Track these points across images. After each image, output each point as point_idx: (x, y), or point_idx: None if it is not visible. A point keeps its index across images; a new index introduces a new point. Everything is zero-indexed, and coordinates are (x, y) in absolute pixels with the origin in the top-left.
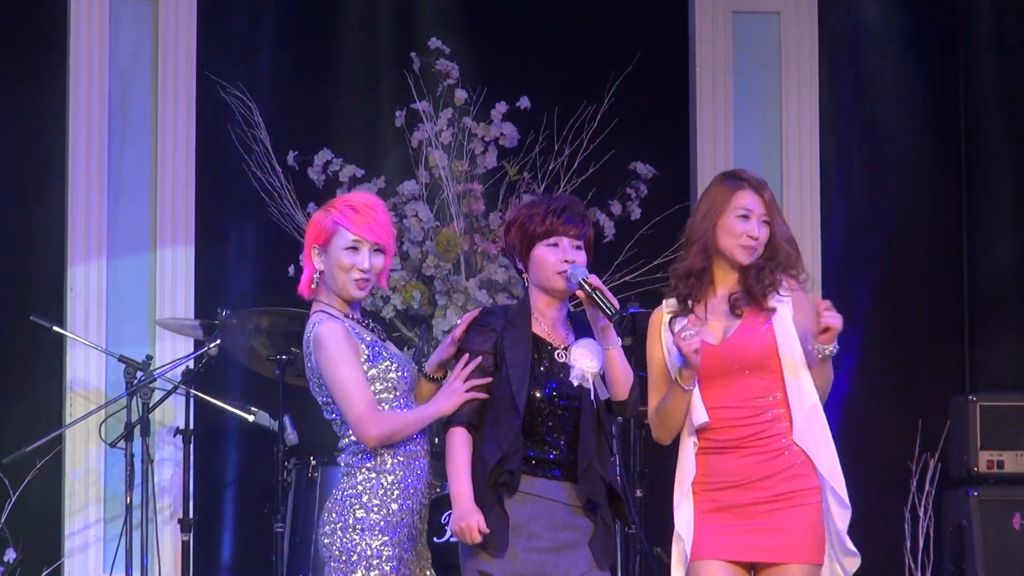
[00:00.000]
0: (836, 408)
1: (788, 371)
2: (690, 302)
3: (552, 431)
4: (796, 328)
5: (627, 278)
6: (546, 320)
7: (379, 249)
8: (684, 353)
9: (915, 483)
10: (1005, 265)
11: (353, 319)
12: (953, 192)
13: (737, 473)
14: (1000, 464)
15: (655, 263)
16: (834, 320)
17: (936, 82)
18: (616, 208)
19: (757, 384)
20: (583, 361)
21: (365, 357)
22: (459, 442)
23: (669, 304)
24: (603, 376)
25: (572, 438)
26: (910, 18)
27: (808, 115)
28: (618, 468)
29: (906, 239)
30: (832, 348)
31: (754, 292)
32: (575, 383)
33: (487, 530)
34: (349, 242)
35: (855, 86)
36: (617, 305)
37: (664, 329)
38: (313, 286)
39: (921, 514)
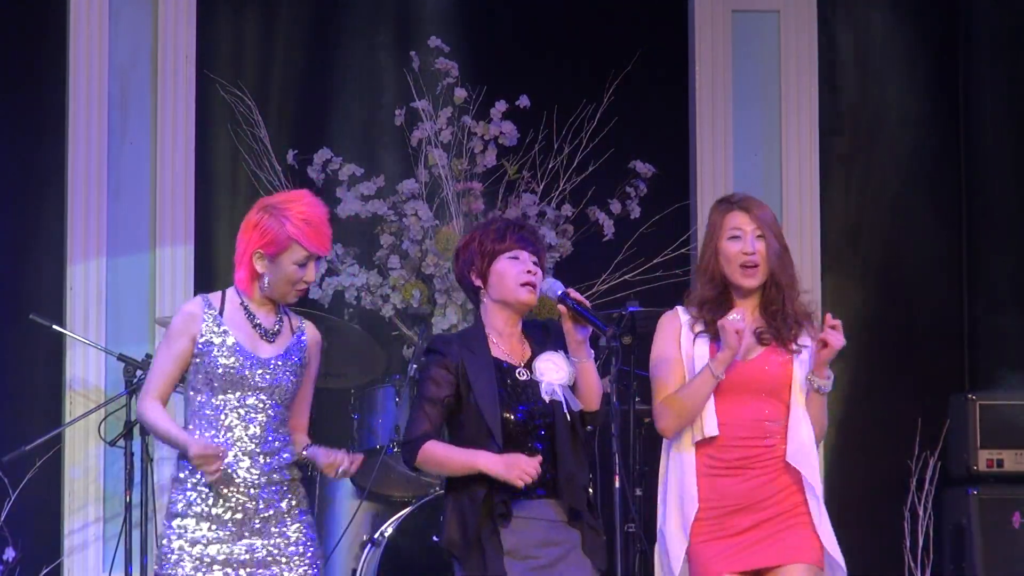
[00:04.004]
0: (836, 407)
1: (795, 402)
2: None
3: (530, 452)
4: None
5: (627, 277)
6: (503, 340)
7: (321, 258)
8: (727, 333)
9: (915, 482)
10: (1005, 264)
11: (250, 308)
12: (954, 189)
13: (744, 496)
14: (1000, 463)
15: (655, 262)
16: (834, 338)
17: (936, 81)
18: (615, 207)
19: (765, 408)
20: (551, 374)
21: (200, 344)
22: (438, 446)
23: (691, 313)
24: (572, 386)
25: (549, 454)
26: (909, 17)
27: (807, 114)
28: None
29: (906, 238)
30: (826, 383)
31: (782, 335)
32: (547, 399)
33: (537, 459)
34: (302, 258)
35: (854, 85)
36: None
37: (684, 336)
38: (260, 287)
39: (921, 513)
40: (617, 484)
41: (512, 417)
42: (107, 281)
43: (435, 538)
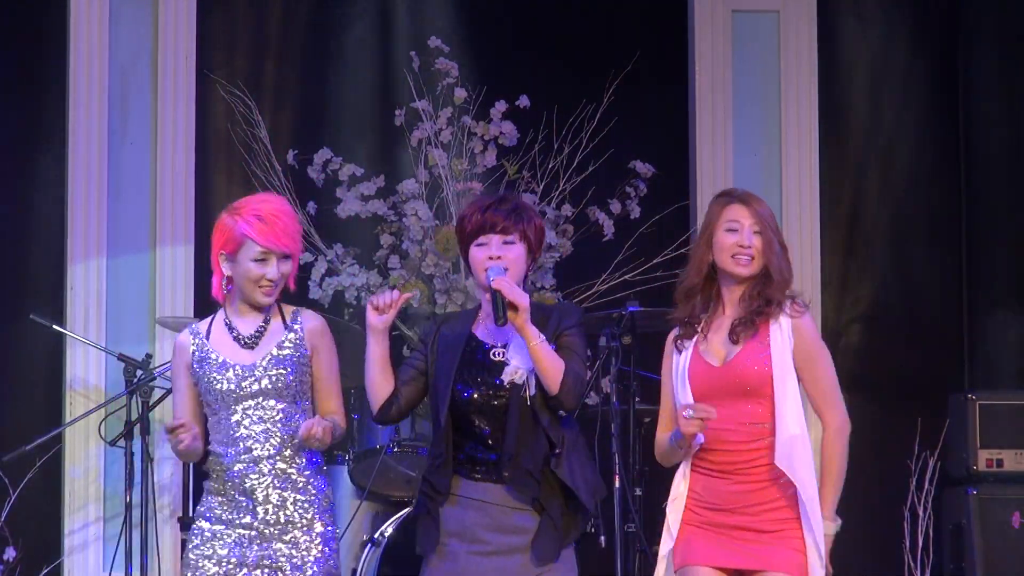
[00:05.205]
0: None
1: (779, 398)
2: (696, 323)
3: (491, 430)
4: (794, 357)
5: (626, 277)
6: (490, 320)
7: (286, 256)
8: (683, 432)
9: (914, 482)
10: (1004, 263)
11: (232, 321)
12: (953, 190)
13: (729, 500)
14: (999, 463)
15: (654, 262)
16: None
17: (936, 80)
18: (615, 207)
19: (754, 409)
20: (517, 359)
21: (194, 370)
22: None
23: (675, 317)
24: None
25: (500, 435)
26: (910, 16)
27: (807, 114)
28: (575, 463)
29: (905, 237)
30: (833, 527)
31: (752, 318)
32: (506, 380)
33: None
34: (257, 254)
35: (854, 85)
36: (520, 303)
37: (668, 354)
38: (225, 292)
39: (920, 513)
40: (617, 484)
41: (472, 394)
42: (107, 281)
43: None
